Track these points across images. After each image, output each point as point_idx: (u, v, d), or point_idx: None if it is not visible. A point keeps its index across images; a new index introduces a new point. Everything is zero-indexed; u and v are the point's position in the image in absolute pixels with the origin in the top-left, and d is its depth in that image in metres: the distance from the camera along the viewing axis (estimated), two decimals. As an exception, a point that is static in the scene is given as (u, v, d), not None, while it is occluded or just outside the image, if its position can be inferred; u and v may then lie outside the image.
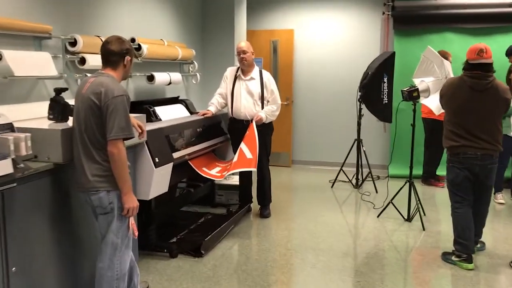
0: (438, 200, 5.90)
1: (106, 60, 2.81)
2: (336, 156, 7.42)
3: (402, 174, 6.57)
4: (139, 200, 2.84)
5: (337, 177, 6.45)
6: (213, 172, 4.61)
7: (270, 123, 4.93)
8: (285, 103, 7.49)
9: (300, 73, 7.61)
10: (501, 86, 3.55)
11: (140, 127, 3.14)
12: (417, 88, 4.76)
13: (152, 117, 4.35)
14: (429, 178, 6.52)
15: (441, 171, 6.59)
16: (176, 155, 4.00)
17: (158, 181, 3.69)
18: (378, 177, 6.80)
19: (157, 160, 3.63)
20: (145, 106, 4.38)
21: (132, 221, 2.83)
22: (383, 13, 7.05)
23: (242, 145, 4.55)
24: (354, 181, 6.43)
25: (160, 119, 4.42)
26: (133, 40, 4.58)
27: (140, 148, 3.59)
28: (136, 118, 3.24)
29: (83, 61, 3.86)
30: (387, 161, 7.22)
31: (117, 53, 2.77)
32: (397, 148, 6.98)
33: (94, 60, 3.82)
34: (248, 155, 4.48)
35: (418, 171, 6.73)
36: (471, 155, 3.59)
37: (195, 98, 6.00)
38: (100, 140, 2.69)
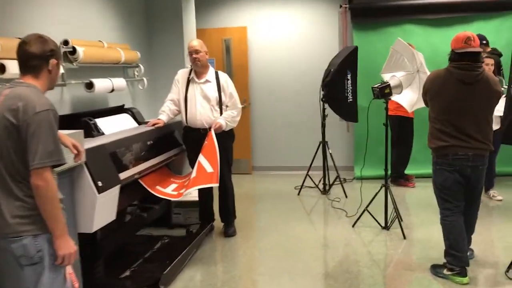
0: (411, 201, 5.56)
1: (25, 65, 2.20)
2: (299, 160, 6.99)
3: (369, 175, 6.22)
4: (81, 234, 2.23)
5: (303, 183, 6.00)
6: (169, 191, 4.02)
7: (231, 130, 4.40)
8: (242, 106, 6.93)
9: (256, 73, 7.11)
10: (492, 78, 3.18)
11: (75, 147, 2.51)
12: (389, 84, 4.36)
13: (93, 131, 3.70)
14: (398, 178, 6.18)
15: (410, 169, 6.30)
16: (123, 175, 3.39)
17: (102, 209, 3.07)
18: (345, 180, 6.40)
19: (100, 184, 3.01)
20: (83, 119, 3.73)
21: (70, 270, 2.22)
22: (340, 6, 6.66)
23: (201, 158, 3.98)
24: (321, 186, 5.99)
25: (103, 133, 3.79)
26: (66, 42, 3.91)
27: (78, 171, 2.96)
28: (70, 136, 2.62)
29: (2, 68, 3.18)
30: (352, 162, 6.87)
31: (38, 56, 2.15)
32: (362, 148, 6.65)
33: (17, 68, 3.14)
34: (208, 169, 3.92)
35: (382, 171, 6.38)
36: (462, 156, 3.20)
37: (143, 105, 5.36)
38: (20, 170, 2.07)
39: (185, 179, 4.18)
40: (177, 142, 4.47)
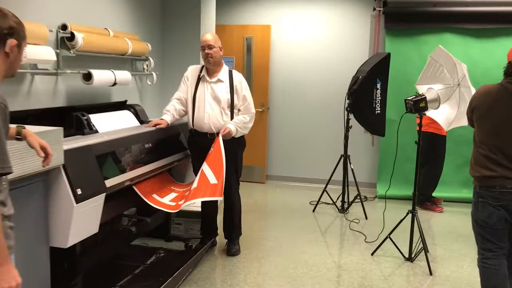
0: (439, 229, 4.99)
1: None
2: (317, 172, 6.50)
3: (393, 194, 5.72)
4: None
5: (319, 198, 5.48)
6: (166, 201, 3.56)
7: (242, 137, 3.92)
8: (260, 109, 6.50)
9: (278, 75, 6.62)
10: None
11: (43, 148, 2.06)
12: (425, 97, 3.83)
13: (84, 128, 3.28)
14: (425, 201, 5.62)
15: (438, 192, 5.74)
16: (113, 180, 2.95)
17: (81, 220, 2.62)
18: (366, 198, 5.88)
19: (79, 192, 2.57)
20: (75, 113, 3.30)
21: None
22: (374, 9, 6.13)
23: (205, 167, 3.52)
24: (339, 204, 5.47)
25: (96, 131, 3.35)
26: (64, 27, 3.51)
27: (54, 176, 2.53)
28: (45, 134, 2.20)
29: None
30: (375, 179, 6.33)
31: (-9, 33, 1.71)
32: (386, 164, 6.11)
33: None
34: (212, 179, 3.46)
35: (409, 191, 5.83)
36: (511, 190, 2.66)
37: (151, 103, 4.94)
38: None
39: (187, 188, 3.73)
40: (181, 146, 4.02)
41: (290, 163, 6.70)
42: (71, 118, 3.29)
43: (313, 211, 5.40)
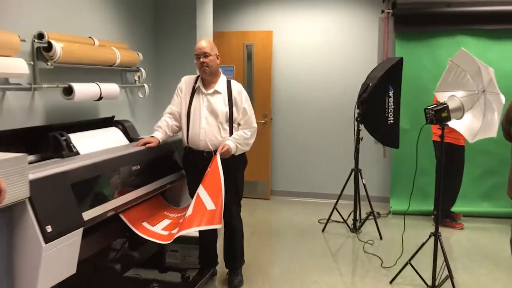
0: (461, 249, 4.54)
1: None
2: (326, 186, 6.10)
3: (407, 210, 5.29)
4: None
5: (329, 217, 5.05)
6: (158, 230, 3.15)
7: (243, 154, 3.51)
8: (263, 121, 6.10)
9: (281, 84, 6.22)
10: None
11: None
12: (447, 106, 3.41)
13: (63, 150, 2.87)
14: (444, 216, 5.18)
15: (457, 206, 5.31)
16: (91, 213, 2.53)
17: (52, 262, 2.21)
18: (379, 215, 5.45)
19: (49, 229, 2.16)
20: (52, 133, 2.90)
21: None
22: (382, 11, 5.73)
23: (201, 191, 3.11)
24: (350, 222, 5.04)
25: (77, 153, 2.95)
26: (41, 35, 3.12)
27: (19, 211, 2.12)
28: (6, 162, 1.80)
29: None
30: (387, 192, 5.91)
31: None
32: (400, 177, 5.70)
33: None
34: (209, 205, 3.04)
35: (425, 205, 5.43)
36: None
37: (143, 117, 4.55)
38: None
39: (182, 213, 3.31)
40: (176, 166, 3.62)
41: (296, 178, 6.28)
42: (47, 138, 2.89)
43: (323, 230, 4.96)
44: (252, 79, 6.17)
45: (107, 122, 3.64)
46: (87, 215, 2.46)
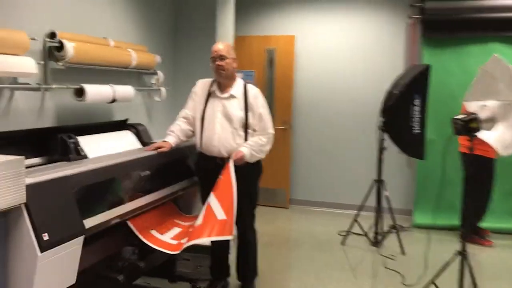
0: (490, 269, 4.27)
1: None
2: (346, 196, 5.90)
3: (432, 224, 5.08)
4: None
5: (349, 229, 4.85)
6: (166, 239, 3.02)
7: (258, 162, 3.35)
8: (283, 127, 5.94)
9: (303, 90, 6.05)
10: None
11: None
12: (477, 117, 3.19)
13: (70, 153, 2.77)
14: (471, 233, 4.90)
15: (486, 222, 5.03)
16: (94, 220, 2.42)
17: (48, 272, 2.10)
18: (402, 228, 5.21)
19: (45, 237, 2.05)
20: (60, 135, 2.81)
21: None
22: (410, 17, 5.52)
23: (212, 199, 2.96)
24: (371, 234, 4.82)
25: (85, 156, 2.85)
26: (53, 35, 3.05)
27: (15, 217, 2.02)
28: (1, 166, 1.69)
29: None
30: (411, 204, 5.66)
31: None
32: (425, 189, 5.45)
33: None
34: (220, 215, 2.89)
35: (451, 220, 5.17)
36: None
37: (160, 121, 4.45)
38: None
39: (193, 221, 3.17)
40: (188, 172, 3.49)
41: (316, 186, 6.08)
42: (55, 141, 2.80)
43: (342, 243, 4.76)
44: (273, 85, 6.03)
45: (120, 125, 3.54)
46: (90, 222, 2.35)
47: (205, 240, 2.87)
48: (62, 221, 2.17)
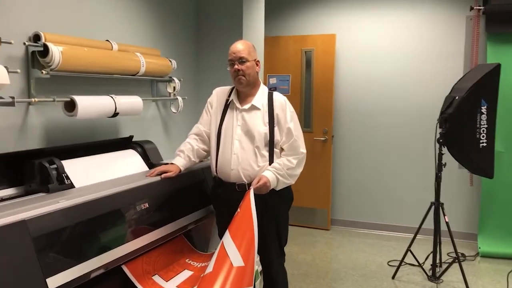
0: None
1: None
2: (397, 217, 5.18)
3: (500, 253, 4.30)
4: None
5: (403, 259, 4.10)
6: (172, 287, 2.42)
7: (287, 189, 2.69)
8: (322, 138, 5.26)
9: (345, 95, 5.35)
10: None
11: None
12: None
13: (50, 182, 2.23)
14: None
15: None
16: (62, 277, 1.83)
17: None
18: (464, 257, 4.43)
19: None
20: (37, 161, 2.27)
21: None
22: (471, 8, 4.71)
23: (226, 240, 2.33)
24: (427, 265, 4.07)
25: (71, 185, 2.30)
26: (37, 37, 2.53)
27: None
28: None
29: None
30: (475, 228, 4.84)
31: None
32: (491, 210, 4.63)
33: None
34: (237, 260, 2.26)
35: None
36: None
37: (179, 137, 3.87)
38: None
39: (208, 263, 2.56)
40: (204, 200, 2.88)
41: (361, 206, 5.35)
42: (31, 167, 2.26)
43: (393, 277, 4.02)
44: (311, 90, 5.35)
45: (124, 144, 2.98)
46: (54, 281, 1.77)
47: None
48: (11, 283, 1.60)
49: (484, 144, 3.72)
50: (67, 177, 2.33)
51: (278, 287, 2.73)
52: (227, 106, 2.73)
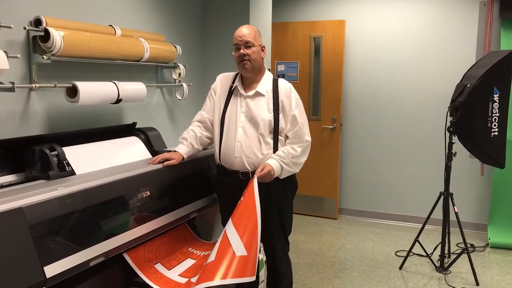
0: None
1: None
2: (405, 207, 5.12)
3: (511, 244, 4.25)
4: None
5: (410, 250, 4.05)
6: (173, 276, 2.40)
7: (291, 178, 2.65)
8: (331, 126, 5.19)
9: (354, 83, 5.26)
10: None
11: None
12: None
13: (51, 169, 2.20)
14: None
15: None
16: (61, 265, 1.81)
17: None
18: (474, 248, 4.37)
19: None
20: (38, 148, 2.24)
21: None
22: (485, -7, 4.59)
23: (229, 228, 2.30)
24: (435, 256, 4.02)
25: (71, 172, 2.27)
26: (38, 22, 2.48)
27: None
28: None
29: None
30: (485, 219, 4.77)
31: None
32: (502, 200, 4.55)
33: None
34: (239, 249, 2.22)
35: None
36: None
37: (185, 124, 3.82)
38: None
39: (210, 252, 2.53)
40: (207, 188, 2.84)
41: (369, 195, 5.29)
42: (31, 154, 2.23)
43: (401, 268, 3.97)
44: (320, 77, 5.27)
45: (126, 130, 2.94)
46: (52, 269, 1.74)
47: (218, 283, 2.20)
48: (8, 272, 1.58)
49: (496, 133, 3.63)
50: (68, 164, 2.30)
51: (282, 277, 2.70)
52: (231, 92, 2.68)
